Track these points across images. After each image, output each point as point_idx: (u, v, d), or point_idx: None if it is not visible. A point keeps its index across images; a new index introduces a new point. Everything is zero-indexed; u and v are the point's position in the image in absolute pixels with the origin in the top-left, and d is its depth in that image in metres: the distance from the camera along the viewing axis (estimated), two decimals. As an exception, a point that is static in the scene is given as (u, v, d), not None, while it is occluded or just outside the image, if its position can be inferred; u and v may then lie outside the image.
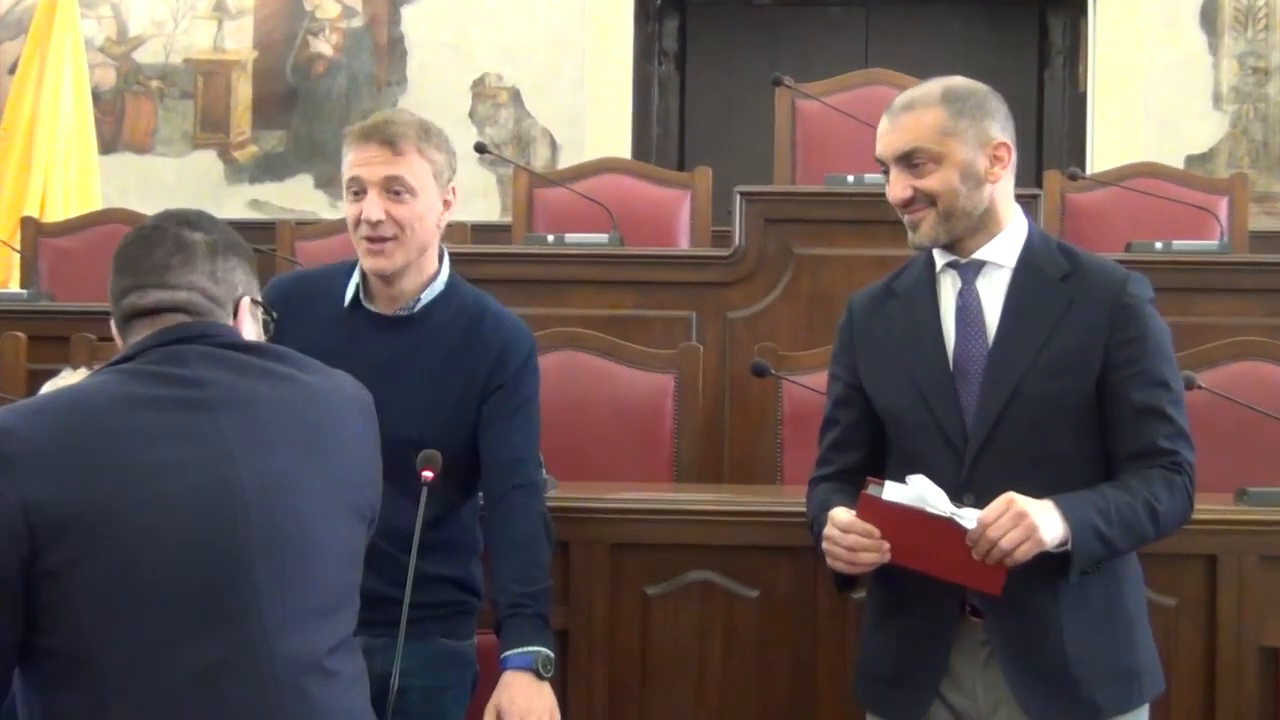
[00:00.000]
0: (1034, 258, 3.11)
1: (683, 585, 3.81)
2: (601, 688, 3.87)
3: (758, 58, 7.97)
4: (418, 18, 8.37)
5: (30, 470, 2.24)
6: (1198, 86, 8.11)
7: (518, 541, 3.29)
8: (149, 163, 8.40)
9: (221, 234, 2.59)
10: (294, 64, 8.40)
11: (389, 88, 8.36)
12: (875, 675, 3.21)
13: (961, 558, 2.86)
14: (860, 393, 3.19)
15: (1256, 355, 4.66)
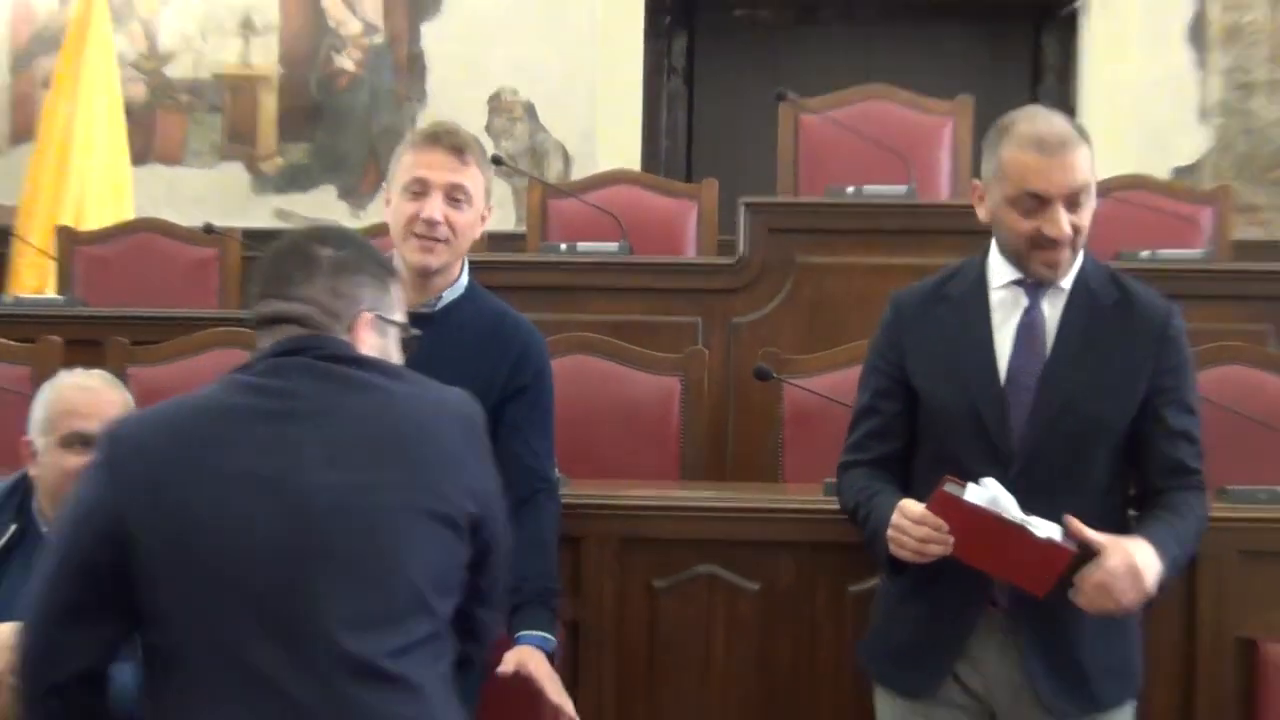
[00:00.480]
0: (1089, 283, 3.18)
1: (688, 579, 3.85)
2: (610, 676, 3.91)
3: (762, 74, 7.99)
4: (436, 35, 8.40)
5: (130, 477, 2.35)
6: (1185, 101, 8.13)
7: (541, 540, 3.41)
8: (179, 174, 8.42)
9: (352, 251, 2.65)
10: (318, 79, 8.42)
11: (409, 102, 8.38)
12: (891, 652, 3.29)
13: (1019, 559, 2.93)
14: (904, 386, 3.24)
15: (1239, 360, 4.69)
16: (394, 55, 8.41)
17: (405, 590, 2.39)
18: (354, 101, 8.42)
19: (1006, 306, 3.17)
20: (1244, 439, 4.30)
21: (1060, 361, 3.12)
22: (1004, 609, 3.14)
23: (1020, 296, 3.15)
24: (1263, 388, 4.56)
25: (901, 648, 3.26)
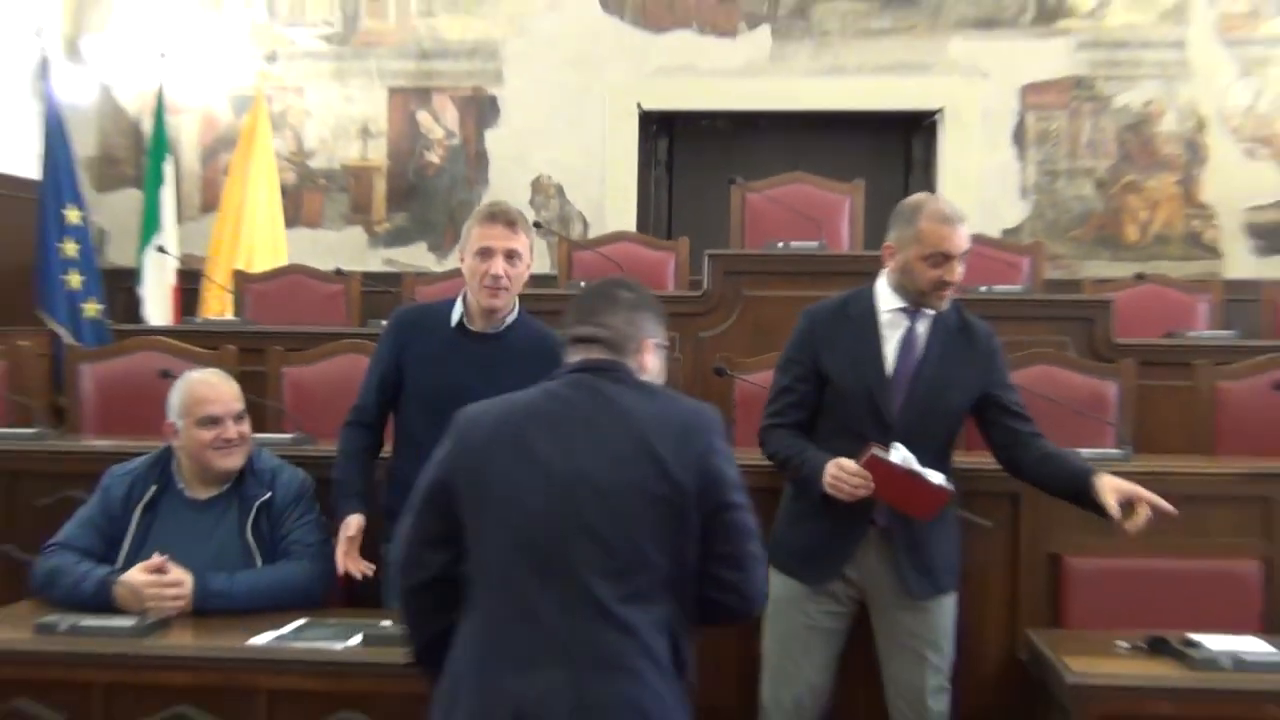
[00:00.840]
0: (943, 313, 3.34)
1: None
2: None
3: (720, 165, 7.95)
4: (495, 138, 8.37)
5: (464, 447, 2.51)
6: (1010, 183, 8.10)
7: None
8: (318, 234, 8.40)
9: (641, 295, 2.74)
10: (414, 168, 8.40)
11: (476, 185, 8.35)
12: (796, 551, 3.38)
13: (918, 498, 3.14)
14: (816, 374, 3.34)
15: (1048, 362, 4.71)
16: (466, 152, 8.38)
17: (634, 552, 2.41)
18: (438, 184, 8.39)
19: (892, 325, 3.33)
20: (1053, 415, 4.29)
21: (927, 364, 3.29)
22: (881, 526, 3.29)
23: (903, 319, 3.32)
24: (1065, 381, 4.58)
25: (805, 550, 3.36)
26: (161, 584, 3.18)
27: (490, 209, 3.47)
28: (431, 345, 3.50)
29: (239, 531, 3.41)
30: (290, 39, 8.44)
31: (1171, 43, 8.03)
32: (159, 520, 3.42)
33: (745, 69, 8.22)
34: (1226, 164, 8.00)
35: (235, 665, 2.97)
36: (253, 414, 4.54)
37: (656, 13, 8.29)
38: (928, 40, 8.15)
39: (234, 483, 3.47)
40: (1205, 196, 8.03)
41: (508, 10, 8.35)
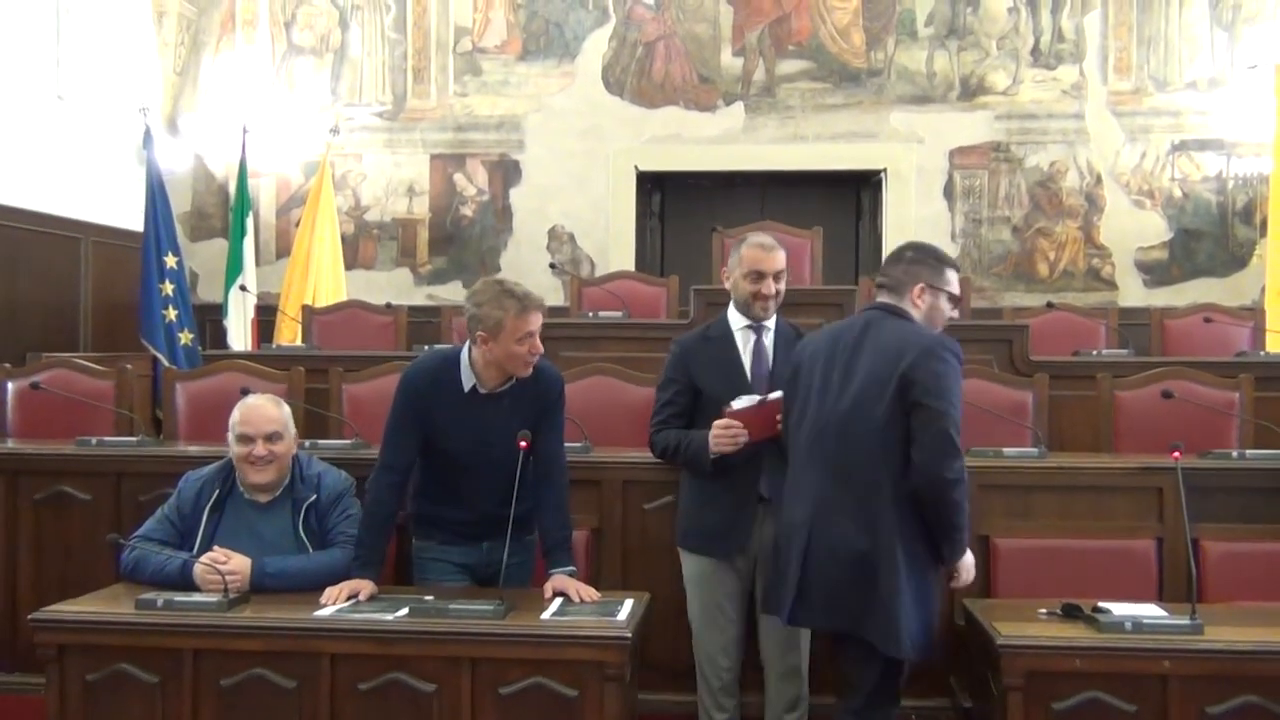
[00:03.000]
0: (782, 329, 3.44)
1: (663, 504, 3.79)
2: (616, 561, 3.86)
3: (703, 215, 7.96)
4: (519, 195, 8.33)
5: (798, 360, 3.12)
6: (942, 229, 8.05)
7: (559, 503, 3.34)
8: (372, 275, 8.35)
9: (921, 252, 3.09)
10: (451, 219, 8.36)
11: (502, 233, 8.32)
12: (703, 532, 3.41)
13: (765, 421, 3.22)
14: (691, 389, 3.41)
15: (976, 377, 4.64)
16: (494, 206, 8.34)
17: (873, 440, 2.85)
18: (471, 232, 8.35)
19: (744, 340, 3.42)
20: (981, 420, 4.26)
21: (776, 368, 3.39)
22: (767, 500, 3.31)
23: (751, 335, 3.43)
24: (990, 392, 4.52)
25: (713, 529, 3.37)
26: (215, 567, 3.12)
27: (528, 300, 3.19)
28: (451, 411, 3.27)
29: (293, 528, 3.35)
30: (350, 115, 8.41)
31: (1072, 114, 8.02)
32: (226, 518, 3.36)
33: (723, 137, 8.19)
34: (1119, 212, 7.98)
35: (303, 633, 2.92)
36: (316, 423, 4.56)
37: (650, 92, 8.27)
38: (873, 113, 8.12)
39: (286, 487, 3.40)
40: (1102, 239, 8.01)
41: (528, 91, 8.33)
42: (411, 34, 8.42)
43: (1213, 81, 7.94)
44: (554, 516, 3.30)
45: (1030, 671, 2.81)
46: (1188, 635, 2.83)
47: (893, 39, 8.13)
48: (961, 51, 8.10)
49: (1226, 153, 7.92)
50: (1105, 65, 8.02)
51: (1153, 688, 2.81)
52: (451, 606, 2.96)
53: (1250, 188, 7.87)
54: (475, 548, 3.35)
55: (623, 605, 3.08)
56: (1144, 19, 8.02)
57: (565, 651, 2.87)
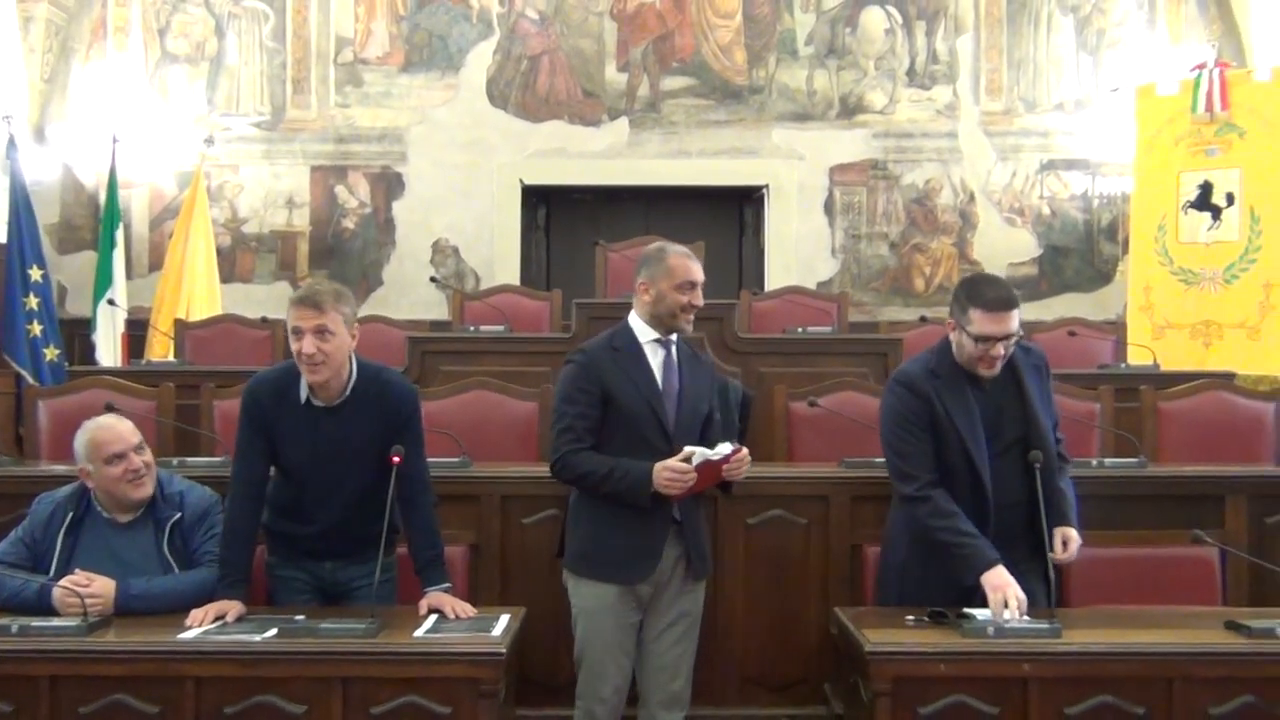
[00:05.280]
0: (678, 341, 3.36)
1: (543, 518, 3.78)
2: (495, 577, 3.83)
3: (588, 229, 7.98)
4: (401, 208, 8.27)
5: None
6: (822, 244, 8.24)
7: (425, 523, 3.27)
8: (250, 288, 8.20)
9: (959, 288, 3.22)
10: (332, 233, 8.26)
11: (385, 246, 8.24)
12: (610, 559, 3.25)
13: (712, 474, 3.18)
14: (600, 401, 3.24)
15: (852, 388, 4.73)
16: (376, 219, 8.26)
17: None
18: (353, 245, 8.25)
19: (653, 353, 3.31)
20: (853, 431, 4.35)
21: (685, 380, 3.32)
22: (679, 522, 3.26)
23: (659, 348, 3.32)
24: (862, 404, 4.60)
25: (622, 555, 3.22)
26: (75, 590, 3.02)
27: (300, 292, 3.13)
28: (291, 423, 3.18)
29: (156, 548, 3.25)
30: (227, 125, 8.25)
31: (946, 134, 8.26)
32: (83, 540, 3.24)
33: (608, 152, 8.24)
34: (991, 229, 8.24)
35: (165, 657, 2.84)
36: (187, 440, 4.44)
37: (534, 106, 8.28)
38: (755, 130, 8.26)
39: (147, 507, 3.30)
40: (975, 255, 8.26)
41: (411, 103, 8.27)
42: (291, 43, 8.30)
43: (1079, 103, 8.26)
44: (422, 536, 3.25)
45: (897, 677, 2.87)
46: (1046, 639, 2.91)
47: (774, 57, 8.28)
48: (841, 71, 8.29)
49: (1092, 172, 8.25)
50: (977, 86, 8.29)
51: (1014, 690, 2.88)
52: (322, 626, 2.91)
53: (1114, 206, 8.20)
54: (320, 566, 3.29)
55: (498, 621, 3.06)
56: (1014, 42, 8.32)
57: (438, 669, 2.84)
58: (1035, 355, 3.33)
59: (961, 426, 3.17)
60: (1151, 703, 2.88)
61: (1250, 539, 3.92)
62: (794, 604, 3.85)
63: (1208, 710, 2.88)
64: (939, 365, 3.24)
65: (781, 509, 3.89)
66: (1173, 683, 2.88)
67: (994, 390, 3.20)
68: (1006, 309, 3.10)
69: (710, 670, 3.77)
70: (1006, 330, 3.10)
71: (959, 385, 3.20)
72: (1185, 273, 6.87)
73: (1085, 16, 8.31)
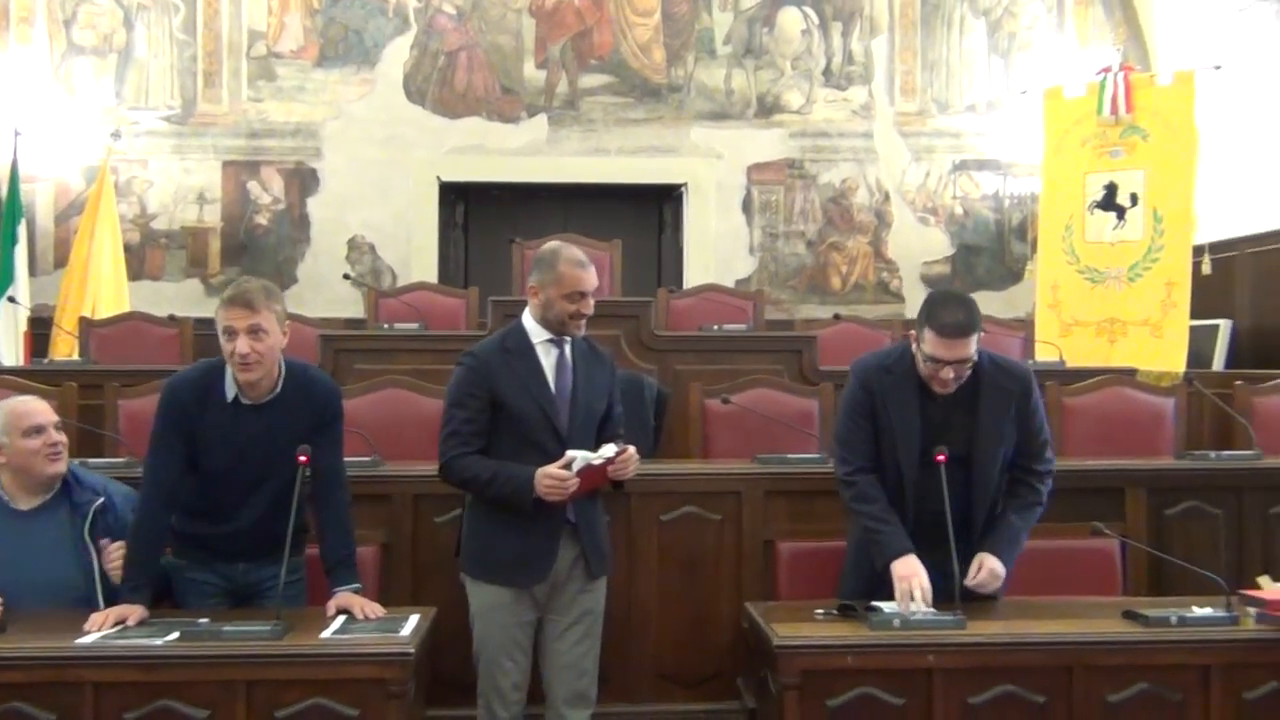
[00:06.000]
0: (576, 340, 3.32)
1: (456, 516, 3.74)
2: (407, 576, 3.80)
3: (507, 227, 7.93)
4: (316, 204, 8.15)
5: None
6: (740, 243, 8.30)
7: (339, 522, 3.24)
8: (160, 285, 8.02)
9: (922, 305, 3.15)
10: (245, 229, 8.10)
11: (299, 243, 8.11)
12: (504, 562, 3.23)
13: (597, 477, 3.16)
14: (490, 404, 3.20)
15: (766, 386, 4.78)
16: (291, 215, 8.13)
17: None
18: (266, 242, 8.11)
19: (546, 353, 3.28)
20: (767, 429, 4.39)
21: (579, 381, 3.28)
22: (574, 523, 3.24)
23: (552, 348, 3.28)
24: (778, 400, 4.67)
25: (513, 556, 3.21)
26: None
27: (230, 292, 3.10)
28: (214, 422, 3.13)
29: (75, 534, 3.17)
30: (135, 119, 8.05)
31: (861, 134, 8.37)
32: None
33: (526, 149, 8.21)
34: (905, 228, 8.37)
35: (63, 662, 2.77)
36: (90, 441, 4.34)
37: (452, 102, 8.21)
38: (673, 128, 8.28)
39: (59, 492, 3.22)
40: (890, 254, 8.37)
41: (326, 98, 8.16)
42: (202, 36, 8.13)
43: (990, 105, 8.42)
44: (335, 535, 3.22)
45: (805, 670, 2.90)
46: (950, 630, 2.97)
47: (692, 56, 8.31)
48: (758, 70, 8.35)
49: (1003, 172, 8.42)
50: (892, 87, 8.40)
51: (919, 681, 2.93)
52: (226, 629, 2.87)
53: (1024, 206, 8.37)
54: (232, 568, 3.24)
55: (407, 621, 3.04)
56: (927, 44, 8.45)
57: (345, 670, 2.81)
58: (1015, 379, 3.25)
59: (897, 427, 3.21)
60: (1052, 691, 2.95)
61: (1150, 530, 4.04)
62: (707, 600, 3.88)
63: (1105, 697, 2.96)
64: (896, 364, 3.26)
65: (695, 505, 3.92)
66: (1072, 671, 2.96)
67: (947, 402, 3.20)
68: (957, 335, 3.06)
69: (624, 666, 3.79)
70: (956, 356, 3.08)
71: (908, 388, 3.22)
72: (1091, 271, 7.03)
73: (996, 20, 8.48)
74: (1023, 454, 3.30)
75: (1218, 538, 4.07)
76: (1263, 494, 4.12)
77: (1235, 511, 4.10)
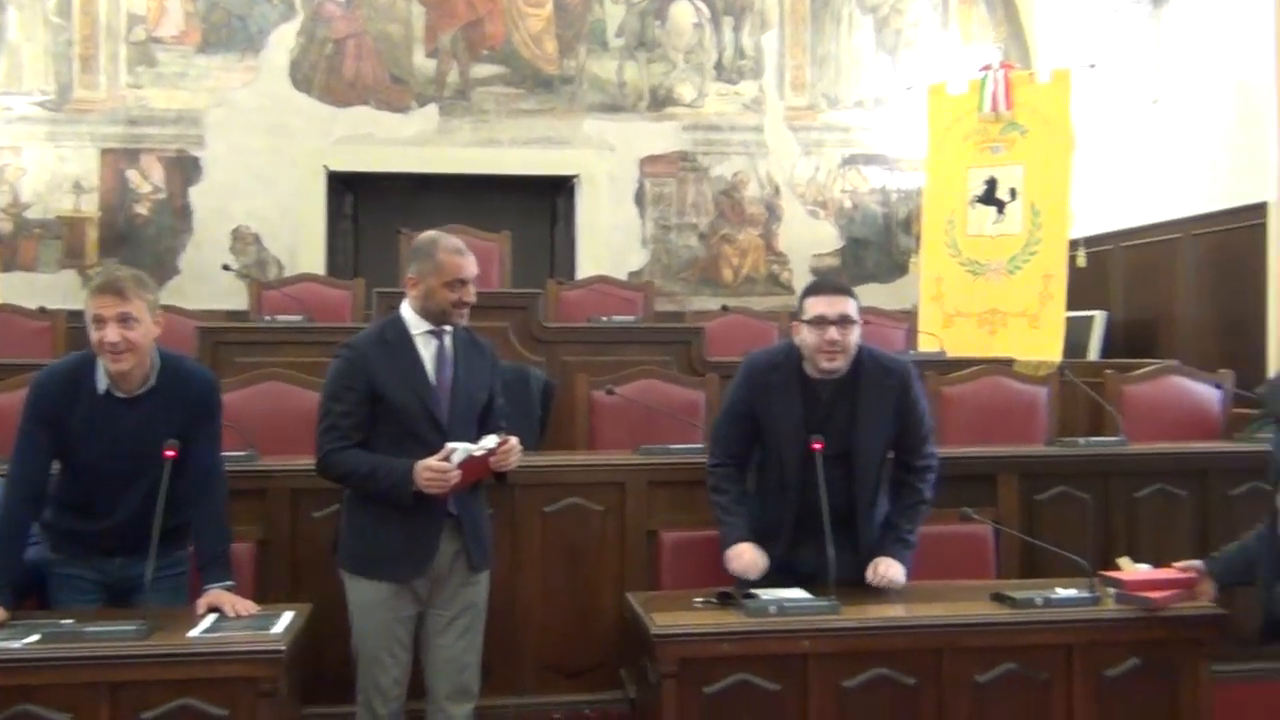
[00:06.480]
0: (458, 331, 3.28)
1: (335, 510, 3.68)
2: (285, 573, 3.74)
3: (398, 217, 7.77)
4: (198, 193, 7.96)
5: None
6: (633, 235, 8.32)
7: (215, 516, 3.17)
8: (34, 277, 7.75)
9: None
10: (124, 219, 7.88)
11: (181, 233, 7.92)
12: (382, 556, 3.17)
13: (479, 468, 3.11)
14: (370, 396, 3.15)
15: (653, 377, 4.79)
16: (172, 205, 7.92)
17: None
18: (147, 232, 7.90)
19: (425, 344, 3.23)
20: (653, 420, 4.40)
21: (459, 372, 3.25)
22: (455, 515, 3.21)
23: (432, 339, 3.24)
24: (664, 391, 4.68)
25: (393, 550, 3.16)
26: None
27: (99, 279, 3.01)
28: (85, 416, 3.05)
29: None
30: (7, 105, 7.77)
31: (753, 127, 8.45)
32: None
33: (417, 139, 8.12)
34: (795, 221, 8.48)
35: (-87, 667, 2.67)
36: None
37: (340, 91, 8.08)
38: (566, 120, 8.27)
39: None
40: (781, 246, 8.48)
41: (209, 85, 7.97)
42: (78, 20, 7.87)
43: (877, 100, 8.57)
44: (210, 530, 3.15)
45: (683, 658, 2.92)
46: (825, 615, 3.01)
47: (584, 48, 8.30)
48: (650, 63, 8.37)
49: (890, 167, 8.58)
50: (782, 82, 8.50)
51: (795, 666, 2.97)
52: (89, 629, 2.78)
53: (910, 200, 8.53)
54: (108, 562, 3.15)
55: (280, 618, 2.98)
56: (817, 40, 8.56)
57: (214, 669, 2.75)
58: (894, 375, 3.33)
59: (780, 423, 3.30)
60: (923, 673, 3.02)
61: (1021, 514, 4.15)
62: (591, 591, 3.88)
63: (974, 678, 3.04)
64: (783, 361, 3.34)
65: (578, 497, 3.91)
66: (942, 653, 3.02)
67: (830, 399, 3.29)
68: (836, 293, 3.26)
69: (507, 659, 3.78)
70: (838, 310, 3.20)
71: (792, 385, 3.30)
72: (972, 264, 7.20)
73: (884, 17, 8.63)
74: (904, 448, 3.40)
75: (1086, 521, 4.20)
76: (1128, 479, 4.26)
77: (1103, 496, 4.24)
